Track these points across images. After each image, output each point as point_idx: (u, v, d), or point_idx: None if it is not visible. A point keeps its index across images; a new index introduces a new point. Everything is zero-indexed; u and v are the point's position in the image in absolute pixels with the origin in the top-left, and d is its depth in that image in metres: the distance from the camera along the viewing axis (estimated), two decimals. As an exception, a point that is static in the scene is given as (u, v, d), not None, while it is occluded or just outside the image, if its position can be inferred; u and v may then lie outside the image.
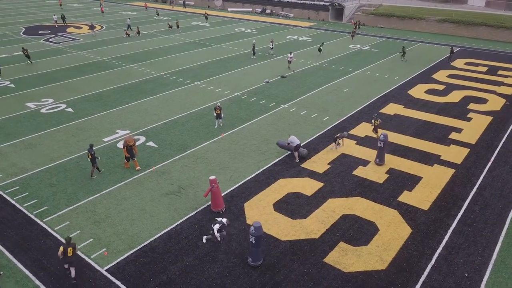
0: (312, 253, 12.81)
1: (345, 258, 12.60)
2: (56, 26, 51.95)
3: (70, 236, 12.51)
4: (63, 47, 40.83)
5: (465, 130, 21.80)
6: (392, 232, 13.78)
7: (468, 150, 19.64)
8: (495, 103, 25.85)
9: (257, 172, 17.43)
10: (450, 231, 13.90)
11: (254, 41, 40.01)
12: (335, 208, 15.02)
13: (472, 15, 51.38)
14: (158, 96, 26.75)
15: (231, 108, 24.69)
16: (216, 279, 11.76)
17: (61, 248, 11.35)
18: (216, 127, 21.46)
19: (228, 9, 70.69)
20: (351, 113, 23.94)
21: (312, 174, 17.35)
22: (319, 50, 38.29)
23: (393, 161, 18.43)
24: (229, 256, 12.64)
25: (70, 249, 11.37)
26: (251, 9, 69.14)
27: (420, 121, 22.94)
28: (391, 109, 24.72)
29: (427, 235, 13.66)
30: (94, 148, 17.08)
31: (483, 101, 26.28)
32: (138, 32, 46.63)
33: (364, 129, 21.72)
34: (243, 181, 16.76)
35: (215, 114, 21.47)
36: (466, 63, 35.72)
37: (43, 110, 24.23)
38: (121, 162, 18.08)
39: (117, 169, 17.64)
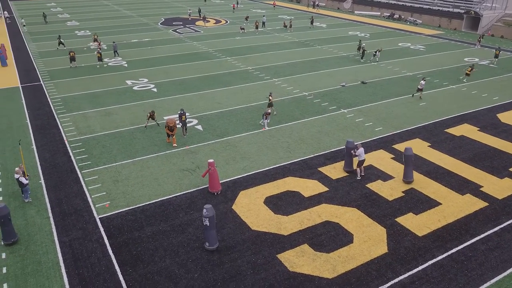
0: (271, 247, 13.26)
1: (299, 259, 12.74)
2: (189, 18, 58.74)
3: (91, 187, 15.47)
4: (183, 37, 46.35)
5: (537, 165, 18.63)
6: (365, 249, 13.24)
7: (523, 187, 16.90)
8: None
9: (271, 167, 18.13)
10: (430, 262, 12.69)
11: (363, 44, 39.24)
12: (322, 213, 14.96)
13: None
14: (232, 87, 28.96)
15: (289, 106, 25.45)
16: (173, 246, 13.23)
17: None
18: (260, 123, 22.50)
19: (355, 12, 69.54)
20: (409, 128, 22.42)
21: (323, 179, 17.30)
22: (358, 49, 38.20)
23: (420, 182, 17.09)
24: (197, 231, 13.92)
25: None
26: (379, 13, 66.78)
27: (486, 147, 20.31)
28: (461, 130, 22.30)
29: (401, 260, 12.75)
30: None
31: None
32: (257, 27, 49.78)
33: (411, 146, 20.24)
34: (253, 172, 17.70)
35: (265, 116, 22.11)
36: None
37: (135, 88, 28.65)
38: (164, 138, 20.67)
39: (158, 143, 20.28)
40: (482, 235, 13.94)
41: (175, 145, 19.89)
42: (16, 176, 14.94)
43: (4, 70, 32.92)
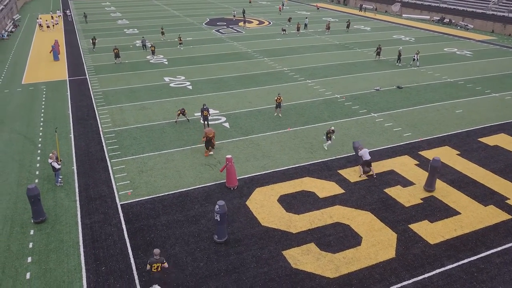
0: (278, 243, 13.52)
1: (304, 256, 12.91)
2: (234, 19, 59.86)
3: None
4: (225, 37, 47.39)
5: None
6: (371, 252, 13.18)
7: (555, 202, 15.99)
8: None
9: (290, 166, 18.35)
10: (438, 270, 12.42)
11: (400, 48, 38.42)
12: (334, 215, 15.01)
13: None
14: (265, 87, 29.39)
15: (318, 107, 25.48)
16: (185, 235, 13.84)
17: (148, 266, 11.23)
18: (275, 115, 23.63)
19: (403, 15, 67.66)
20: (440, 135, 21.76)
21: (341, 181, 17.29)
22: (378, 54, 37.45)
23: (442, 190, 16.63)
24: (209, 223, 14.45)
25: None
26: (429, 17, 64.56)
27: (521, 158, 19.35)
28: (496, 139, 21.34)
29: (407, 266, 12.58)
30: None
31: None
32: (298, 29, 49.80)
33: (439, 153, 19.70)
34: (271, 170, 18.01)
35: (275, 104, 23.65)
36: None
37: (171, 84, 29.84)
38: (191, 133, 21.45)
39: (185, 138, 21.09)
40: (499, 248, 13.41)
41: (211, 153, 19.28)
42: (50, 161, 16.25)
43: (56, 64, 35.40)
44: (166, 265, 11.19)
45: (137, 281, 11.85)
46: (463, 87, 30.08)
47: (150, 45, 38.56)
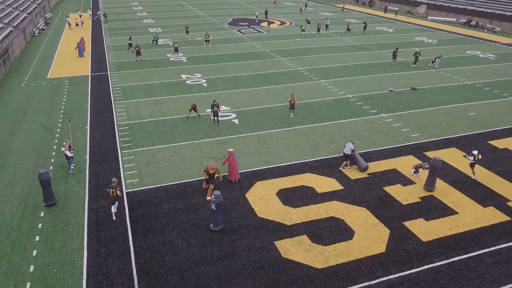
0: (271, 234, 13.97)
1: (295, 247, 13.31)
2: (257, 20, 60.49)
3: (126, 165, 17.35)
4: (245, 37, 48.06)
5: None
6: (362, 246, 13.44)
7: (559, 206, 15.75)
8: None
9: (293, 162, 18.74)
10: (426, 267, 12.57)
11: (417, 49, 38.09)
12: (330, 209, 15.32)
13: None
14: (278, 86, 29.82)
15: (329, 107, 25.71)
16: (183, 223, 14.48)
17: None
18: (291, 116, 23.62)
19: (428, 17, 66.54)
20: (448, 137, 21.64)
21: (342, 178, 17.55)
22: (394, 57, 37.00)
23: (443, 190, 16.67)
24: (207, 212, 15.03)
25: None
26: (455, 20, 63.28)
27: (529, 162, 19.05)
28: (506, 143, 21.04)
29: (395, 261, 12.78)
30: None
31: None
32: (318, 29, 49.89)
33: (445, 154, 19.64)
34: (274, 166, 18.45)
35: (289, 105, 23.77)
36: None
37: (188, 82, 30.71)
38: (201, 128, 22.17)
39: (195, 133, 21.80)
40: (492, 248, 13.40)
41: (209, 198, 15.68)
42: (63, 149, 17.26)
43: (80, 60, 36.98)
44: (119, 192, 14.35)
45: (133, 263, 12.55)
46: (480, 90, 29.61)
47: (172, 43, 39.82)
